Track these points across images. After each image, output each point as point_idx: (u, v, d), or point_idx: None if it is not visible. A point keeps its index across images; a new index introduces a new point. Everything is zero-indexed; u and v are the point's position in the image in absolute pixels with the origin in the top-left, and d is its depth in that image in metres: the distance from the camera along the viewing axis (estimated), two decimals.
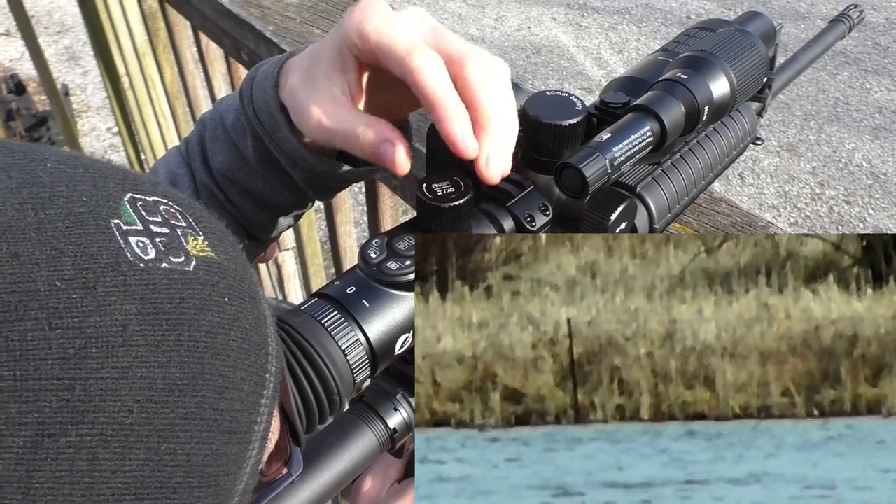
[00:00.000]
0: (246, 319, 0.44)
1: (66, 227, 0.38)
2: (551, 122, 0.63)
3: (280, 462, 0.52)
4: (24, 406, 0.33)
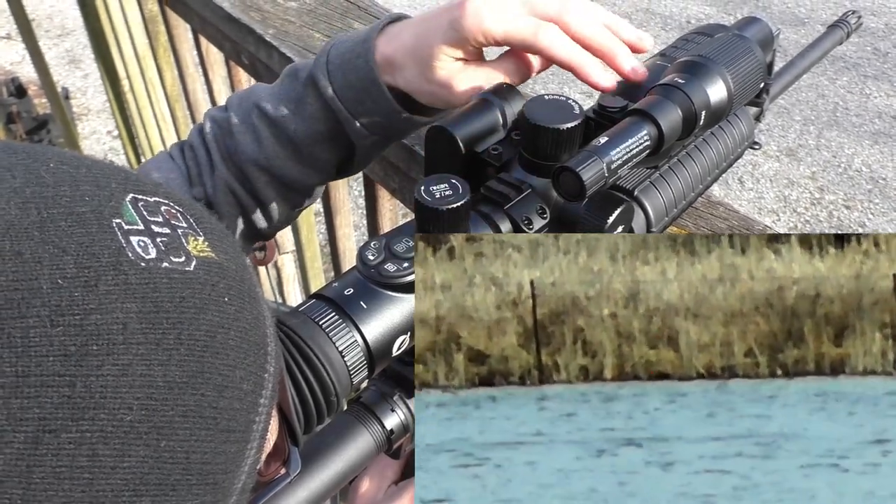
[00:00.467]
0: (245, 319, 0.44)
1: (69, 227, 0.38)
2: (549, 125, 0.63)
3: (278, 462, 0.52)
4: (26, 402, 0.34)
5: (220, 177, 0.88)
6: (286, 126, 0.85)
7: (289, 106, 0.85)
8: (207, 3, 1.49)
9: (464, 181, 0.60)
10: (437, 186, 0.59)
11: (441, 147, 0.70)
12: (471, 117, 0.70)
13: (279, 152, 0.86)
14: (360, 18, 1.36)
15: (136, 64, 2.55)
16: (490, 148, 0.70)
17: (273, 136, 0.86)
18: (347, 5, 1.41)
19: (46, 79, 3.52)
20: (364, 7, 1.40)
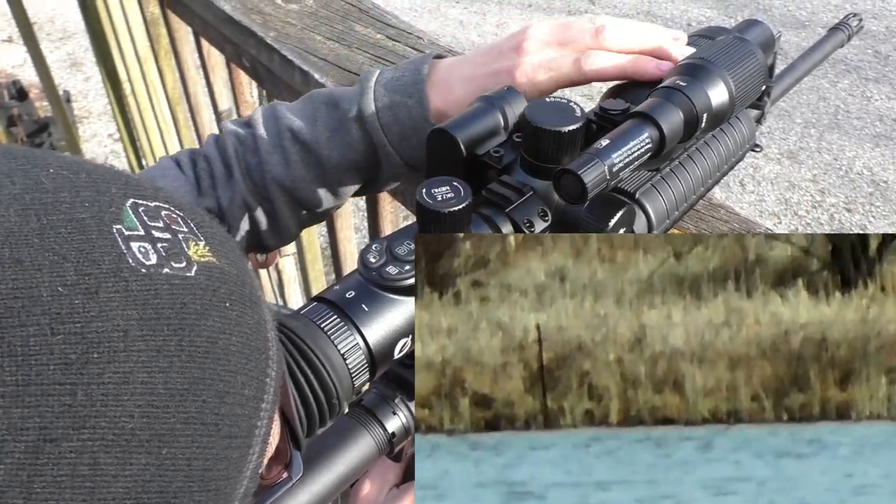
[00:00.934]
0: (247, 324, 0.44)
1: (69, 233, 0.38)
2: (551, 128, 0.63)
3: (280, 466, 0.52)
4: (27, 411, 0.34)
5: (238, 192, 0.90)
6: (319, 152, 0.88)
7: (325, 133, 0.88)
8: (209, 6, 1.49)
9: (465, 184, 0.60)
10: (438, 189, 0.59)
11: (442, 149, 0.70)
12: (472, 120, 0.70)
13: (306, 175, 0.89)
14: (360, 21, 1.36)
15: (137, 66, 2.55)
16: (491, 150, 0.70)
17: (302, 160, 0.88)
18: (348, 8, 1.41)
19: (48, 82, 3.52)
20: (365, 10, 1.40)
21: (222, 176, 0.90)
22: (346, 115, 0.87)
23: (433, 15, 6.27)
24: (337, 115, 0.88)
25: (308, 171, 0.89)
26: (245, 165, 0.90)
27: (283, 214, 0.91)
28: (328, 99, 0.89)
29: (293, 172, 0.89)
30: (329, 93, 0.90)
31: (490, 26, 6.12)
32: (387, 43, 1.29)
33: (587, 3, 6.36)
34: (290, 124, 0.88)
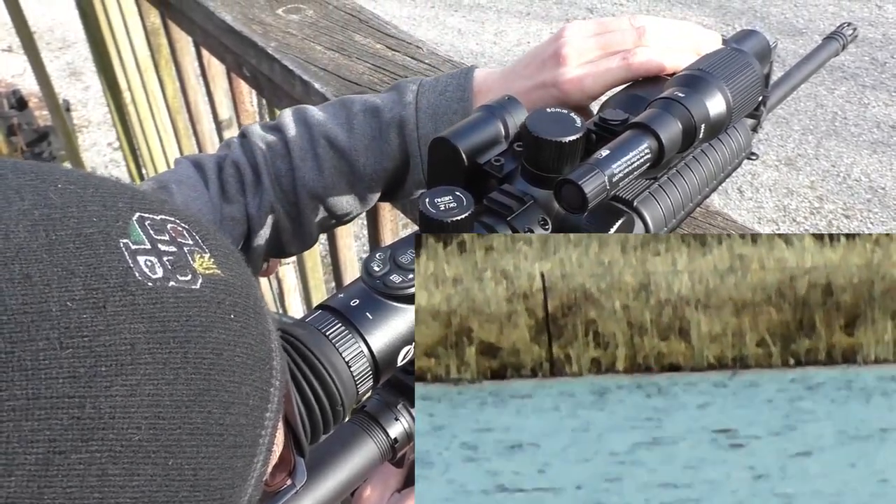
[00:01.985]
0: (251, 335, 0.45)
1: (77, 248, 0.39)
2: (551, 138, 0.64)
3: (284, 473, 0.53)
4: (37, 424, 0.34)
5: (267, 199, 0.89)
6: (356, 159, 0.88)
7: (364, 141, 0.88)
8: (210, 16, 1.50)
9: (467, 193, 0.60)
10: (441, 199, 0.60)
11: (444, 158, 0.71)
12: (473, 129, 0.71)
13: (337, 183, 0.89)
14: (360, 31, 1.37)
15: (137, 76, 2.56)
16: (492, 159, 0.70)
17: (336, 168, 0.89)
18: (348, 18, 1.42)
19: (48, 91, 3.53)
20: (364, 20, 1.41)
21: (251, 182, 0.90)
22: (386, 124, 0.87)
23: (431, 23, 6.28)
24: (377, 123, 0.88)
25: (340, 179, 0.89)
26: (274, 172, 0.89)
27: (309, 221, 0.91)
28: (366, 107, 0.89)
29: (326, 180, 0.89)
30: (364, 100, 0.90)
31: (489, 34, 6.13)
32: (386, 53, 1.30)
33: (585, 12, 6.38)
34: (326, 131, 0.88)
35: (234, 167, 0.90)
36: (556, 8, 6.45)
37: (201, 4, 1.52)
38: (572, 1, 6.54)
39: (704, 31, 0.83)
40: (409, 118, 0.86)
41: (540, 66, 0.83)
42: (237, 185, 0.90)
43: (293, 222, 0.92)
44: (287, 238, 0.93)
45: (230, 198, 0.89)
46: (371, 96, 0.91)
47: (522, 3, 6.56)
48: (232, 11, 1.46)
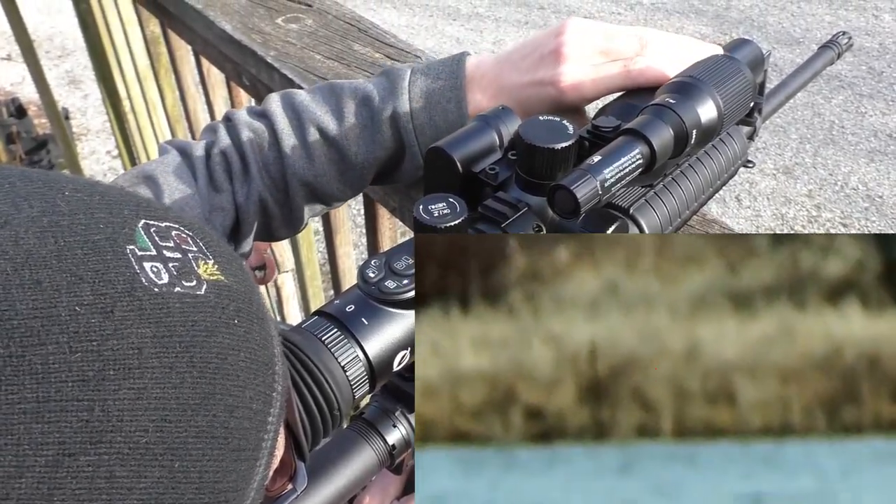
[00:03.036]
0: (254, 340, 0.45)
1: (85, 255, 0.39)
2: (544, 145, 0.65)
3: (285, 478, 0.53)
4: (47, 427, 0.35)
5: (255, 187, 0.88)
6: (347, 147, 0.87)
7: (355, 130, 0.87)
8: (210, 26, 1.51)
9: (461, 200, 0.61)
10: (435, 205, 0.61)
11: (439, 167, 0.72)
12: (468, 138, 0.72)
13: (328, 170, 0.88)
14: (359, 40, 1.38)
15: (137, 84, 2.57)
16: (487, 168, 0.71)
17: (326, 156, 0.88)
18: (347, 27, 1.42)
19: (48, 99, 3.54)
20: (363, 29, 1.42)
21: (239, 171, 0.88)
22: (378, 113, 0.86)
23: (430, 32, 6.30)
24: (367, 112, 0.87)
25: (331, 166, 0.88)
26: (262, 160, 0.88)
27: (299, 207, 0.91)
28: (355, 94, 0.87)
29: (316, 168, 0.88)
30: (354, 87, 0.88)
31: (487, 44, 6.15)
32: (385, 62, 1.31)
33: None
34: (316, 119, 0.87)
35: (221, 155, 0.88)
36: (555, 17, 6.47)
37: (201, 14, 1.53)
38: (571, 10, 6.56)
39: (707, 46, 0.83)
40: (403, 108, 0.85)
41: (538, 61, 0.82)
42: (224, 173, 0.88)
43: (282, 208, 0.91)
44: (276, 224, 0.93)
45: (218, 187, 0.88)
46: (361, 82, 0.89)
47: (520, 13, 6.58)
48: (232, 21, 1.47)
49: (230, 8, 1.51)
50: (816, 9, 6.39)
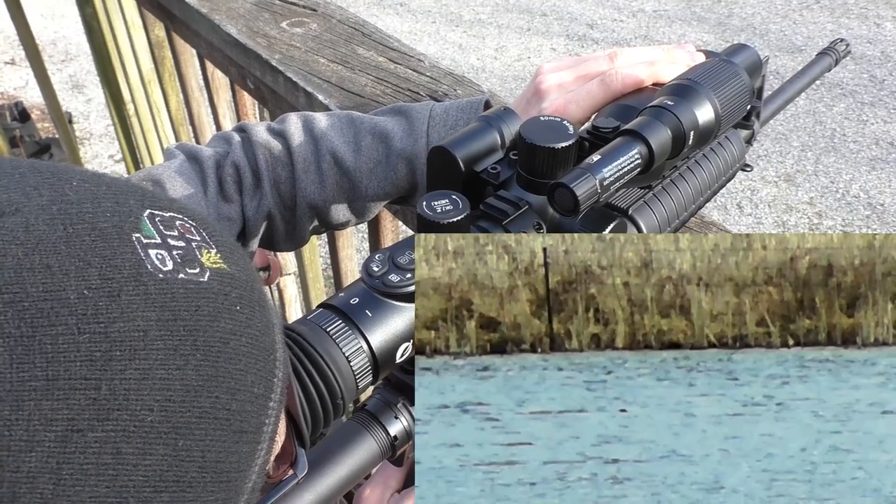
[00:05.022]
0: (255, 327, 0.47)
1: (93, 241, 0.41)
2: (545, 145, 0.66)
3: (286, 464, 0.55)
4: (56, 404, 0.36)
5: (265, 203, 0.91)
6: (359, 181, 0.90)
7: (369, 164, 0.90)
8: (215, 29, 1.52)
9: (463, 197, 0.63)
10: (438, 202, 0.62)
11: (442, 167, 0.73)
12: (471, 138, 0.73)
13: (338, 198, 0.91)
14: (363, 44, 1.39)
15: (141, 88, 2.58)
16: (489, 167, 0.73)
17: (338, 184, 0.90)
18: (351, 32, 1.44)
19: (53, 102, 3.55)
20: (367, 34, 1.43)
21: (250, 185, 0.91)
22: (395, 153, 0.89)
23: (432, 38, 6.32)
24: (384, 149, 0.89)
25: (341, 194, 0.91)
26: (274, 178, 0.90)
27: (304, 226, 0.93)
28: (374, 130, 0.90)
29: (326, 193, 0.90)
30: (373, 123, 0.91)
31: (489, 50, 6.17)
32: (388, 65, 1.32)
33: (585, 28, 6.41)
34: (333, 148, 0.90)
35: (233, 167, 0.91)
36: (557, 24, 6.49)
37: (206, 17, 1.54)
38: (573, 17, 6.58)
39: (673, 46, 0.86)
40: (420, 153, 0.88)
41: (525, 105, 0.86)
42: (235, 185, 0.91)
43: (287, 225, 0.93)
44: (279, 238, 0.95)
45: (228, 197, 0.90)
46: (381, 119, 0.92)
47: (523, 19, 6.60)
48: (237, 24, 1.48)
49: (235, 12, 1.53)
50: (818, 17, 6.41)
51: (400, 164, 0.89)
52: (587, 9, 6.71)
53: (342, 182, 0.90)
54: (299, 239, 0.96)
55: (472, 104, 0.90)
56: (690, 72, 0.74)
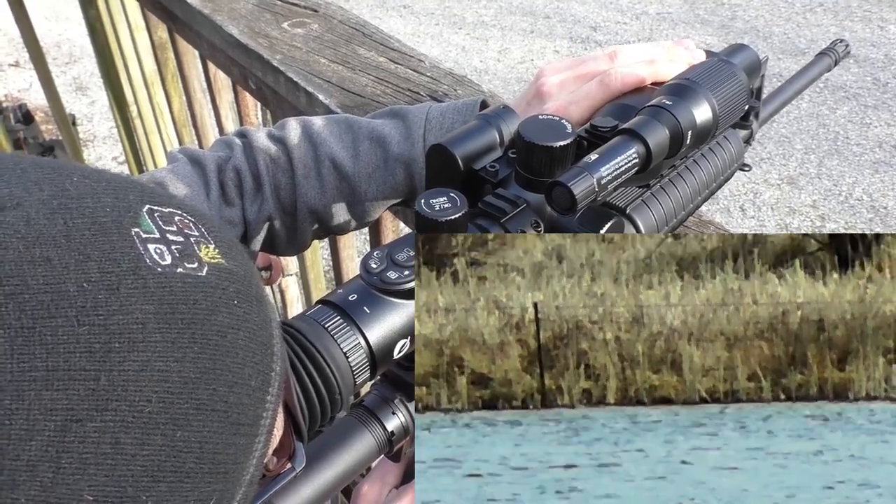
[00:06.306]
0: (253, 321, 0.47)
1: (92, 235, 0.41)
2: (543, 143, 0.66)
3: (284, 457, 0.55)
4: (56, 394, 0.37)
5: (266, 208, 0.92)
6: (358, 185, 0.91)
7: (367, 169, 0.91)
8: (217, 30, 1.53)
9: (461, 195, 0.63)
10: (436, 199, 0.62)
11: (441, 165, 0.73)
12: (470, 137, 0.74)
13: (338, 203, 0.92)
14: (364, 45, 1.40)
15: (144, 89, 2.59)
16: (487, 165, 0.73)
17: (338, 189, 0.91)
18: (352, 32, 1.44)
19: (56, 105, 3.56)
20: (368, 34, 1.44)
21: (251, 190, 0.92)
22: (393, 157, 0.90)
23: (435, 40, 6.32)
24: (382, 153, 0.90)
25: (340, 199, 0.92)
26: (275, 183, 0.92)
27: (304, 231, 0.94)
28: (372, 134, 0.91)
29: (326, 199, 0.91)
30: (371, 127, 0.92)
31: (492, 52, 6.17)
32: (389, 66, 1.33)
33: (589, 30, 6.42)
34: (332, 153, 0.91)
35: (234, 171, 0.92)
36: (560, 26, 6.49)
37: (209, 18, 1.55)
38: (576, 19, 6.58)
39: (676, 43, 0.86)
40: (417, 157, 0.89)
41: (526, 107, 0.86)
42: (236, 189, 0.92)
43: (288, 230, 0.94)
44: (280, 243, 0.96)
45: (230, 201, 0.91)
46: (378, 123, 0.92)
47: (526, 21, 6.60)
48: (239, 25, 1.49)
49: (237, 13, 1.53)
50: (822, 19, 6.41)
51: (398, 169, 0.90)
52: (590, 11, 6.72)
53: (342, 187, 0.91)
54: (301, 244, 0.97)
55: (468, 105, 0.91)
56: (689, 71, 0.75)
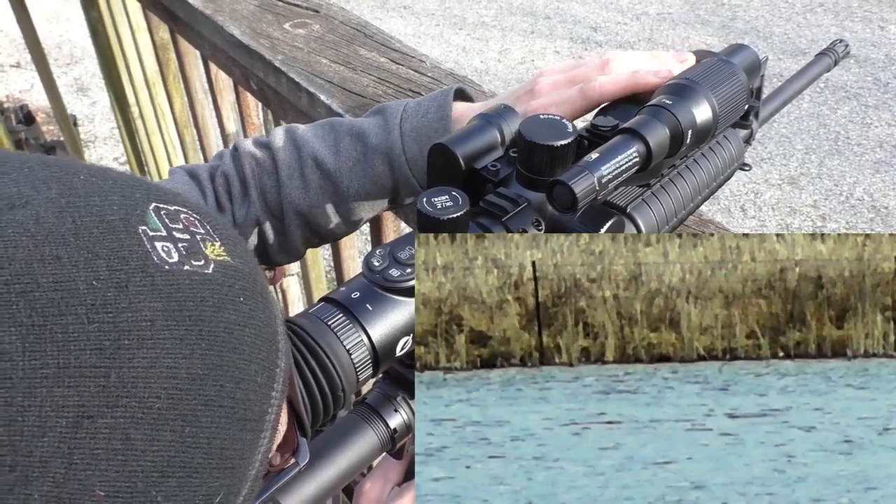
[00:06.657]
0: (258, 318, 0.48)
1: (101, 233, 0.42)
2: (544, 142, 0.67)
3: (288, 453, 0.56)
4: (67, 391, 0.38)
5: (253, 210, 0.93)
6: (340, 181, 0.92)
7: (348, 164, 0.91)
8: (219, 30, 1.53)
9: (463, 193, 0.63)
10: (438, 198, 0.63)
11: (442, 164, 0.74)
12: (471, 136, 0.74)
13: (322, 202, 0.93)
14: (365, 45, 1.40)
15: (145, 90, 2.59)
16: (489, 164, 0.73)
17: (321, 188, 0.92)
18: (353, 32, 1.45)
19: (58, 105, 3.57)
20: (369, 35, 1.44)
21: (239, 193, 0.93)
22: (372, 149, 0.91)
23: (436, 41, 6.33)
24: (361, 147, 0.91)
25: (325, 198, 0.92)
26: (261, 186, 0.93)
27: (293, 235, 0.95)
28: (352, 130, 0.92)
29: (311, 198, 0.92)
30: (351, 124, 0.93)
31: (493, 52, 6.17)
32: (390, 66, 1.33)
33: (589, 31, 6.42)
34: (314, 152, 0.92)
35: (223, 177, 0.94)
36: (561, 27, 6.50)
37: (210, 19, 1.55)
38: (577, 20, 6.59)
39: (672, 54, 0.86)
40: (395, 144, 0.90)
41: (516, 100, 0.87)
42: (226, 194, 0.94)
43: (278, 235, 0.96)
44: (273, 250, 0.97)
45: (221, 206, 0.94)
46: (358, 120, 0.94)
47: (527, 22, 6.61)
48: (240, 26, 1.49)
49: (238, 13, 1.54)
50: (822, 20, 6.41)
51: (377, 160, 0.90)
52: (591, 12, 6.72)
53: (325, 185, 0.92)
54: (292, 249, 0.98)
55: (443, 92, 0.92)
56: (689, 71, 0.75)
